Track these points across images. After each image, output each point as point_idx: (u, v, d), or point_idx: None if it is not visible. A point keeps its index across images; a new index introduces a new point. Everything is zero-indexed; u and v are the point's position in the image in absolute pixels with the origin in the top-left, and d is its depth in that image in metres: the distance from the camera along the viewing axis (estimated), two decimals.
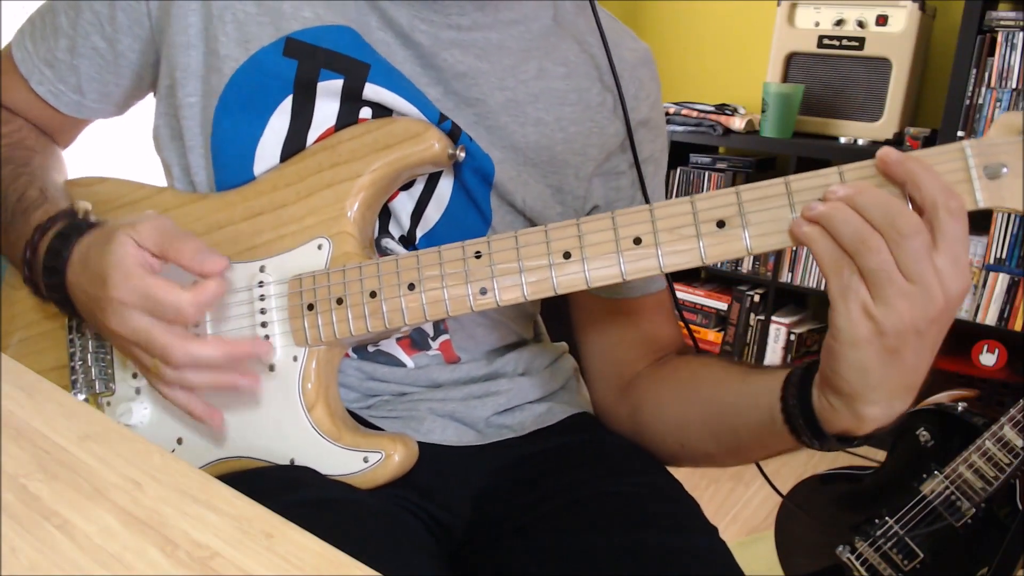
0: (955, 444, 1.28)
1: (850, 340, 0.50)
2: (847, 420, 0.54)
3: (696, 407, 0.69)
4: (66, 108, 0.72)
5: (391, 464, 0.61)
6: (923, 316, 0.49)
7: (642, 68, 0.74)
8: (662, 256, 0.55)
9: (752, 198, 0.53)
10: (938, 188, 0.48)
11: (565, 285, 0.56)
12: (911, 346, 0.50)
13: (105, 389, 0.68)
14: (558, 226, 0.57)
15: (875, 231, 0.48)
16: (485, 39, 0.67)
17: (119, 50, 0.68)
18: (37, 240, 0.62)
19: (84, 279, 0.59)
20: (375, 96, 0.65)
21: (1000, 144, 0.50)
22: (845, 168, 0.52)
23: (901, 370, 0.51)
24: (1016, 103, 1.97)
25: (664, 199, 0.79)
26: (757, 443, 0.65)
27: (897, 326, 0.49)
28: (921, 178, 0.49)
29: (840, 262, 0.50)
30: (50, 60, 0.70)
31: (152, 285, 0.55)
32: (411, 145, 0.63)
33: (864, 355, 0.50)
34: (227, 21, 0.64)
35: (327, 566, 0.35)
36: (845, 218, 0.49)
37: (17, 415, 0.46)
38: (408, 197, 0.69)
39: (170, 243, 0.56)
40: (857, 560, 1.35)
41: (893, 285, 0.48)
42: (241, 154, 0.66)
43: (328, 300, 0.61)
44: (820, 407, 0.56)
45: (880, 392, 0.52)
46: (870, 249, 0.48)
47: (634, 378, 0.76)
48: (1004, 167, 0.49)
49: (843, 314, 0.50)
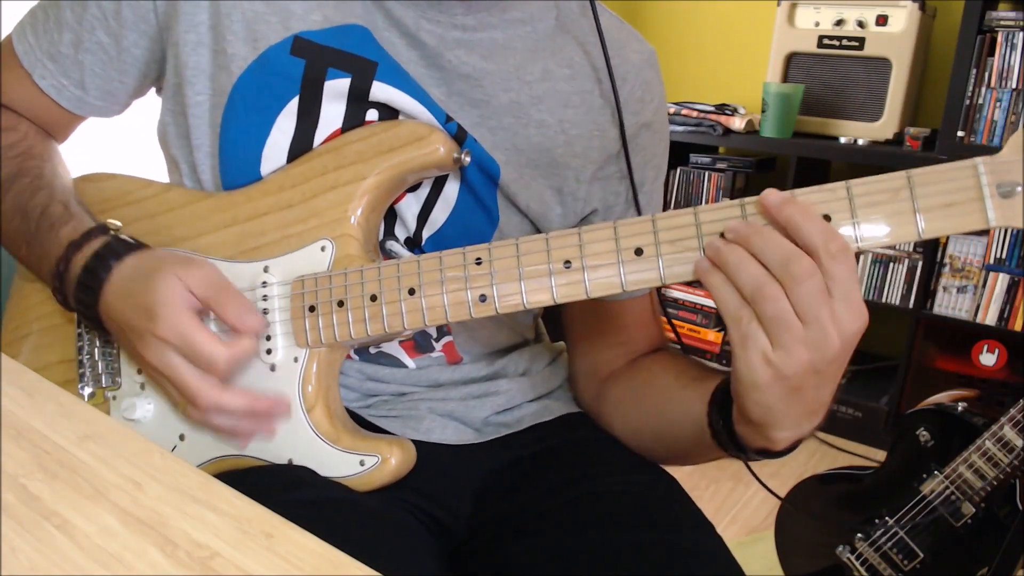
0: (955, 444, 1.28)
1: (751, 384, 0.51)
2: (761, 440, 0.56)
3: (645, 413, 0.71)
4: (68, 103, 0.71)
5: (387, 468, 0.61)
6: (821, 358, 0.49)
7: (648, 70, 0.74)
8: (663, 268, 0.54)
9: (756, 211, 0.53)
10: (816, 232, 0.49)
11: (564, 294, 0.56)
12: (810, 384, 0.51)
13: (111, 383, 0.68)
14: (559, 234, 0.57)
15: (772, 278, 0.49)
16: (491, 39, 0.67)
17: (124, 46, 0.68)
18: (72, 255, 0.63)
19: (126, 307, 0.60)
20: (383, 95, 0.64)
21: (1014, 162, 0.49)
22: (747, 200, 0.52)
23: (803, 403, 0.52)
24: (1016, 103, 1.97)
25: (661, 204, 0.80)
26: (695, 450, 0.67)
27: (795, 370, 0.49)
28: (800, 223, 0.49)
29: (740, 311, 0.50)
30: (53, 54, 0.69)
31: (193, 331, 0.57)
32: (416, 148, 0.63)
33: (766, 396, 0.51)
34: (235, 20, 0.64)
35: (327, 566, 0.35)
36: (742, 263, 0.50)
37: (17, 415, 0.46)
38: (414, 199, 0.69)
39: (217, 295, 0.59)
40: (857, 560, 1.35)
41: (791, 332, 0.49)
42: (248, 154, 0.66)
43: (329, 302, 0.61)
44: (738, 428, 0.58)
45: (785, 422, 0.53)
46: (766, 297, 0.49)
47: (608, 377, 0.77)
48: (1018, 186, 0.49)
49: (743, 360, 0.51)
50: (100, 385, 0.69)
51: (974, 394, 1.43)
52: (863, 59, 2.19)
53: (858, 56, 2.19)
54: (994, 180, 0.49)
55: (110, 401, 0.68)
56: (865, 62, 2.19)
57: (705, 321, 2.59)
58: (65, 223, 0.65)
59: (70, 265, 0.62)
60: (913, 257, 2.16)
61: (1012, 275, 2.04)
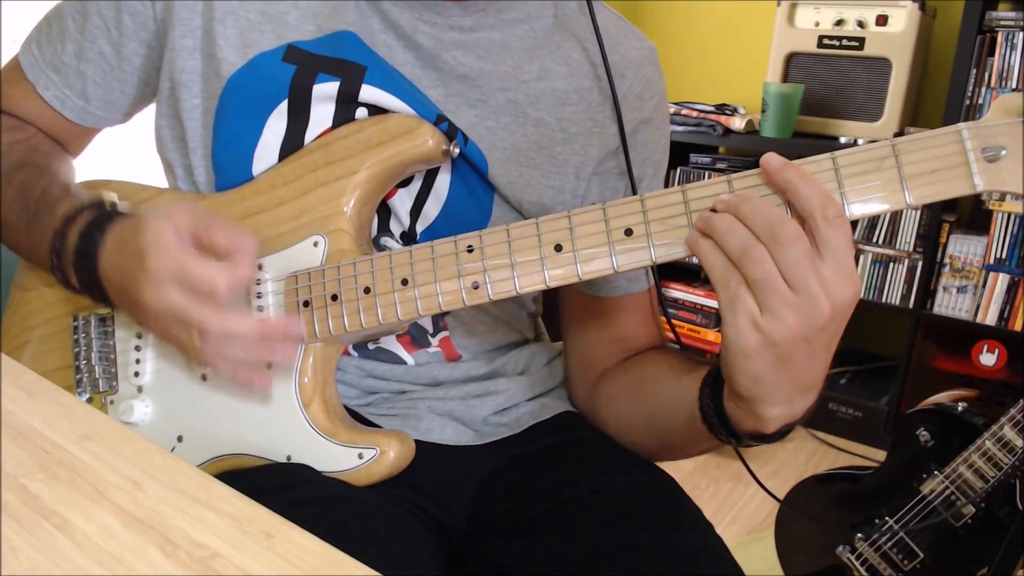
0: (955, 444, 1.28)
1: (740, 351, 0.51)
2: (751, 421, 0.55)
3: (638, 406, 0.71)
4: (71, 114, 0.72)
5: (386, 460, 0.61)
6: (810, 325, 0.49)
7: (648, 67, 0.74)
8: (654, 247, 0.55)
9: (744, 186, 0.53)
10: (815, 196, 0.49)
11: (557, 278, 0.57)
12: (801, 353, 0.50)
13: (108, 388, 0.68)
14: (549, 219, 0.57)
15: (758, 241, 0.49)
16: (488, 39, 0.67)
17: (124, 54, 0.69)
18: (67, 229, 0.63)
19: (120, 259, 0.59)
20: (371, 97, 0.65)
21: (999, 126, 0.49)
22: (734, 176, 0.52)
23: (793, 375, 0.52)
24: None
25: None
26: (686, 440, 0.66)
27: (784, 336, 0.49)
28: (798, 186, 0.49)
29: (727, 274, 0.50)
30: (57, 65, 0.70)
31: (188, 261, 0.56)
32: (405, 141, 0.63)
33: (755, 364, 0.51)
34: (228, 25, 0.64)
35: (327, 566, 0.35)
36: (730, 228, 0.50)
37: (17, 415, 0.46)
38: (407, 194, 0.69)
39: (204, 225, 0.57)
40: (857, 560, 1.35)
41: (778, 295, 0.48)
42: (240, 155, 0.66)
43: (323, 297, 0.62)
44: (729, 408, 0.57)
45: (776, 395, 0.53)
46: (752, 259, 0.49)
47: (601, 375, 0.77)
48: (1003, 149, 0.49)
49: (732, 325, 0.50)
50: (97, 390, 0.69)
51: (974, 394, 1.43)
52: (863, 59, 2.19)
53: (858, 56, 2.19)
54: (979, 145, 0.50)
55: (107, 406, 0.68)
56: (865, 62, 2.19)
57: (705, 321, 2.59)
58: (62, 201, 0.65)
59: (66, 238, 0.63)
60: (913, 257, 2.16)
61: (1012, 275, 2.04)
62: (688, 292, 2.61)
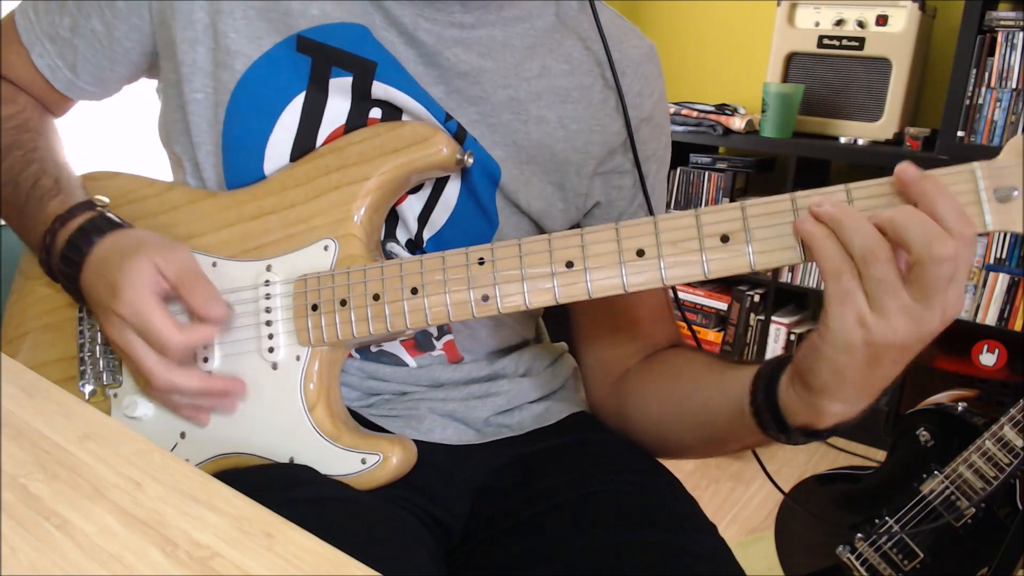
0: (955, 444, 1.28)
1: (838, 344, 0.50)
2: (809, 413, 0.55)
3: (675, 401, 0.70)
4: (60, 85, 0.72)
5: (388, 466, 0.61)
6: (916, 334, 0.49)
7: (647, 64, 0.74)
8: (664, 269, 0.55)
9: (757, 213, 0.53)
10: (954, 213, 0.47)
11: (567, 295, 0.57)
12: (892, 358, 0.50)
13: (112, 381, 0.68)
14: (561, 235, 0.57)
15: (886, 242, 0.48)
16: (489, 37, 0.67)
17: (115, 36, 0.69)
18: (57, 229, 0.64)
19: (99, 283, 0.61)
20: (383, 94, 0.65)
21: (1011, 167, 0.49)
22: (853, 186, 0.51)
23: (876, 377, 0.52)
24: (1016, 103, 1.97)
25: (666, 198, 0.80)
26: (730, 435, 0.65)
27: (888, 339, 0.49)
28: (936, 199, 0.48)
29: (842, 265, 0.49)
30: (52, 35, 0.70)
31: (151, 312, 0.58)
32: (419, 149, 0.63)
33: (846, 360, 0.50)
34: (237, 17, 0.64)
35: (327, 566, 0.35)
36: (860, 227, 0.49)
37: (17, 415, 0.46)
38: (416, 200, 0.69)
39: (185, 279, 0.60)
40: (857, 560, 1.35)
41: (896, 298, 0.48)
42: (252, 152, 0.66)
43: (332, 301, 0.62)
44: (786, 399, 0.57)
45: (848, 393, 0.52)
46: (878, 259, 0.48)
47: (624, 374, 0.76)
48: (1015, 190, 0.49)
49: (837, 318, 0.50)
50: (101, 383, 0.69)
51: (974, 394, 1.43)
52: (863, 59, 2.19)
53: (858, 56, 2.19)
54: (991, 185, 0.49)
55: (111, 399, 0.68)
56: (865, 62, 2.19)
57: (705, 321, 2.59)
58: (53, 196, 0.66)
59: (56, 238, 0.64)
60: None
61: (1012, 275, 2.04)
62: (689, 292, 2.61)
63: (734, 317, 2.54)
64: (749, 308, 2.50)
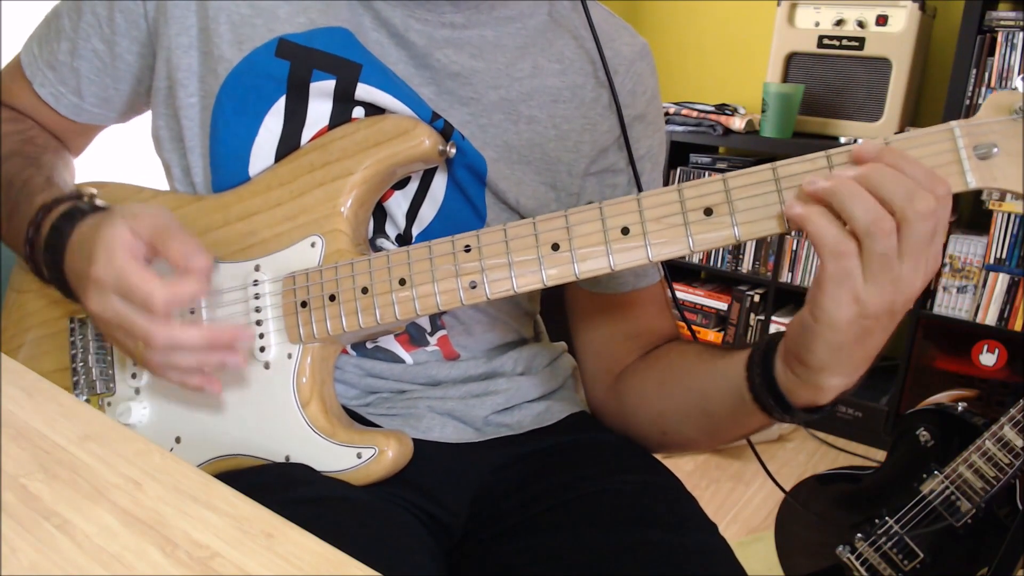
0: (955, 444, 1.28)
1: (831, 322, 0.50)
2: (810, 392, 0.55)
3: (673, 395, 0.70)
4: (65, 110, 0.73)
5: (384, 460, 0.61)
6: (903, 298, 0.49)
7: (640, 62, 0.74)
8: (650, 246, 0.55)
9: (739, 185, 0.53)
10: (923, 174, 0.48)
11: (554, 277, 0.57)
12: (884, 326, 0.51)
13: (106, 389, 0.68)
14: (546, 218, 0.57)
15: (887, 212, 0.47)
16: (480, 37, 0.67)
17: (117, 52, 0.69)
18: (40, 218, 0.63)
19: (77, 259, 0.59)
20: (367, 96, 0.65)
21: (990, 124, 0.50)
22: (832, 152, 0.51)
23: (869, 346, 0.52)
24: None
25: None
26: (733, 423, 0.66)
27: (879, 309, 0.49)
28: (903, 165, 0.48)
29: (843, 245, 0.48)
30: (52, 63, 0.71)
31: (128, 270, 0.55)
32: (401, 142, 0.63)
33: (841, 336, 0.50)
34: (221, 22, 0.65)
35: (327, 566, 0.35)
36: (858, 196, 0.48)
37: (17, 415, 0.46)
38: (403, 196, 0.69)
39: (162, 235, 0.56)
40: (857, 560, 1.35)
41: (892, 270, 0.48)
42: (237, 155, 0.66)
43: (321, 297, 0.62)
44: (784, 380, 0.57)
45: (846, 366, 0.53)
46: (883, 232, 0.47)
47: (622, 371, 0.76)
48: (995, 147, 0.49)
49: (833, 297, 0.49)
50: (95, 392, 0.69)
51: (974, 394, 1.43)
52: (863, 59, 2.19)
53: (858, 56, 2.19)
54: (970, 143, 0.50)
55: (105, 407, 0.68)
56: (865, 62, 2.19)
57: (705, 321, 2.59)
58: (42, 191, 0.65)
59: (40, 229, 0.62)
60: None
61: (1012, 275, 2.04)
62: (689, 292, 2.61)
63: (734, 317, 2.54)
64: (749, 308, 2.50)
